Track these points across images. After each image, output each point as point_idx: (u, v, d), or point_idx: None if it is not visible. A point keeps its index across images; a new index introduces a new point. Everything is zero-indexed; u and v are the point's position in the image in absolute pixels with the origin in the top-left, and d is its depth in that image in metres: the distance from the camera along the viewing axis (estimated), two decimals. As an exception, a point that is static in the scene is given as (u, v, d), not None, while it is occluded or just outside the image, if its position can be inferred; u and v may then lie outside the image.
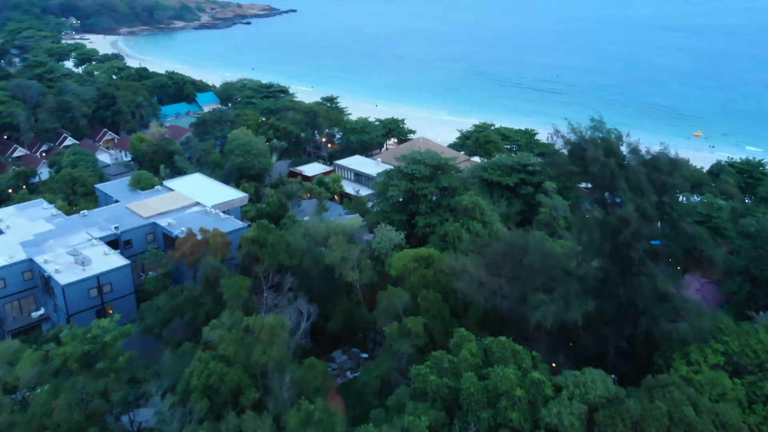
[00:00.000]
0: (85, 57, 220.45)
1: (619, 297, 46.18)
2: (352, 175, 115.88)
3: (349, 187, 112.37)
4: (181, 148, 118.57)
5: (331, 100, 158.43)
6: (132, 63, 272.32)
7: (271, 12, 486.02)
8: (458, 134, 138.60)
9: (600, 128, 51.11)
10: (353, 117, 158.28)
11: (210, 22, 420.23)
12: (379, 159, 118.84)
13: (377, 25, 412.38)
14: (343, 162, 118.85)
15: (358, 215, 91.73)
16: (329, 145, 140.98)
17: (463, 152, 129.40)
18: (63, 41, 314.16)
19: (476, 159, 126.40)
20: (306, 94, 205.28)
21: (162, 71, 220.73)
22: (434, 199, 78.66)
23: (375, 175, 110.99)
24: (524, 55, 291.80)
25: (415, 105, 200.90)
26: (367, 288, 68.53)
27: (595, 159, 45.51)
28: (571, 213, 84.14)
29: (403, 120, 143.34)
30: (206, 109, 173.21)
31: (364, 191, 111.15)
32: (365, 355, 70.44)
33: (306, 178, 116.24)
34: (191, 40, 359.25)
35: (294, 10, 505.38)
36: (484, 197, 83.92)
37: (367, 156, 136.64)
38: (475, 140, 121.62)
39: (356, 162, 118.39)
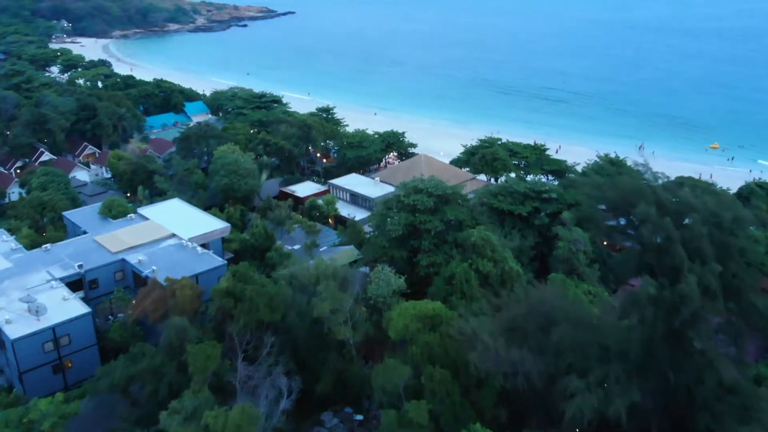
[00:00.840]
0: (71, 63, 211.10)
1: (668, 383, 37.22)
2: (348, 196, 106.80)
3: (345, 209, 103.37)
4: (162, 166, 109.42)
5: (327, 110, 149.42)
6: (123, 68, 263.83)
7: (269, 14, 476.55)
8: (462, 147, 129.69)
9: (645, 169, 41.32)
10: (351, 128, 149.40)
11: (205, 24, 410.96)
12: (378, 178, 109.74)
13: (377, 27, 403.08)
14: (338, 181, 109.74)
15: (353, 247, 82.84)
16: (324, 160, 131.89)
17: (467, 169, 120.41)
18: (53, 45, 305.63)
19: (482, 177, 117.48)
20: (302, 103, 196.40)
21: (152, 77, 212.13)
22: (438, 230, 69.56)
23: (373, 197, 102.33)
24: (528, 59, 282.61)
25: (415, 114, 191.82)
26: (362, 341, 59.51)
27: (646, 217, 36.31)
28: (591, 246, 75.09)
29: (403, 133, 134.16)
30: (195, 119, 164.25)
31: (361, 214, 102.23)
32: (360, 417, 61.31)
33: (298, 200, 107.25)
34: (185, 44, 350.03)
35: (292, 12, 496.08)
36: (493, 228, 74.83)
37: (364, 172, 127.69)
38: (480, 157, 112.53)
39: (352, 181, 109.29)
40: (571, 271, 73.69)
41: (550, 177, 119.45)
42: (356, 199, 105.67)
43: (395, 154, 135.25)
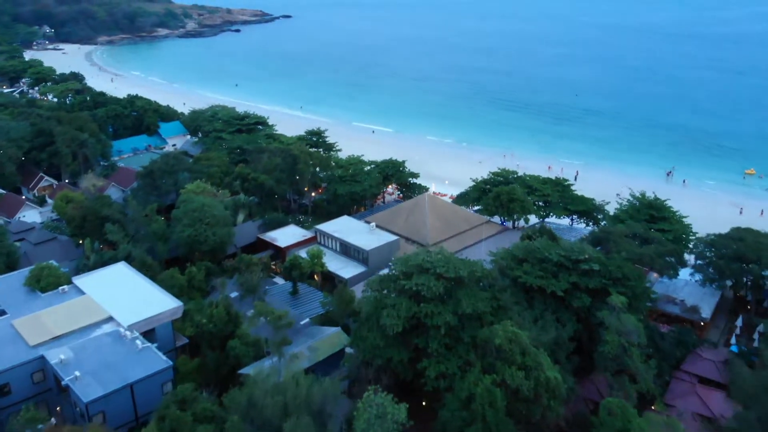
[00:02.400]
0: (41, 77, 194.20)
1: None
2: (338, 245, 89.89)
3: (334, 261, 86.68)
4: (120, 208, 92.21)
5: (318, 134, 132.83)
6: (103, 78, 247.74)
7: (263, 18, 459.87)
8: (470, 174, 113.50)
9: None
10: (346, 149, 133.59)
11: (196, 29, 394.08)
12: (374, 224, 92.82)
13: (376, 32, 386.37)
14: (326, 227, 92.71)
15: (340, 330, 65.98)
16: (313, 193, 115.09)
17: (477, 208, 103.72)
18: (34, 53, 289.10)
19: (496, 219, 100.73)
20: (292, 121, 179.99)
21: (133, 89, 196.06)
22: (450, 326, 52.76)
23: (367, 249, 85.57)
24: (536, 69, 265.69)
25: (416, 132, 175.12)
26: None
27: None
28: (647, 340, 58.33)
29: (403, 162, 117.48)
30: (171, 141, 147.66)
31: (352, 268, 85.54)
32: None
33: (278, 251, 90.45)
34: (173, 51, 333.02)
35: (288, 16, 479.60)
36: (521, 314, 58.01)
37: (359, 210, 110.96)
38: (495, 197, 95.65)
39: (343, 227, 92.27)
40: (621, 370, 57.05)
41: (575, 217, 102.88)
42: (347, 249, 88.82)
43: (395, 186, 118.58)
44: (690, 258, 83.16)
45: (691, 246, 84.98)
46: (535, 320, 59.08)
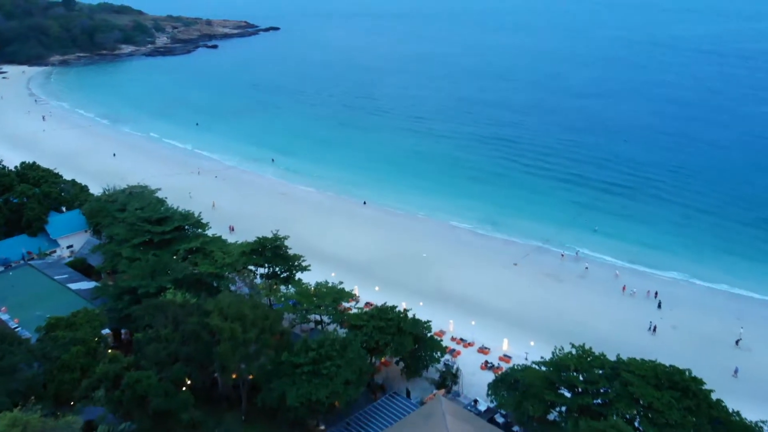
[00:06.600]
0: None
1: None
2: None
3: None
4: None
5: (275, 241, 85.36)
6: (34, 115, 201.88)
7: (247, 31, 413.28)
8: (526, 352, 67.50)
9: None
10: (324, 232, 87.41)
11: (167, 45, 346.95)
12: None
13: (372, 49, 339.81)
14: None
15: None
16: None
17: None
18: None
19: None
20: (257, 182, 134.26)
21: (63, 134, 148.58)
22: None
23: None
24: (564, 98, 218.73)
25: (419, 205, 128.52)
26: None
27: None
28: None
29: (405, 315, 70.65)
30: (62, 243, 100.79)
31: None
32: None
33: None
34: (133, 74, 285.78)
35: (276, 28, 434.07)
36: None
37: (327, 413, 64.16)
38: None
39: None
40: None
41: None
42: None
43: (389, 357, 71.58)
44: None
45: None
46: None
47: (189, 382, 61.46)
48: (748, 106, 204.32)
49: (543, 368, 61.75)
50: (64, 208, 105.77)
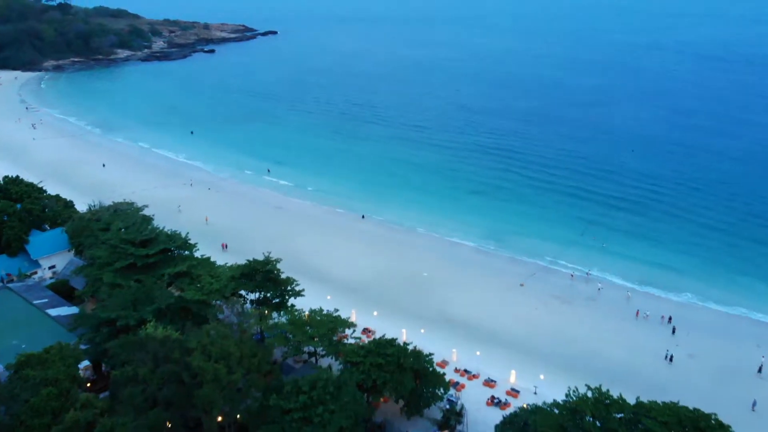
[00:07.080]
0: None
1: None
2: None
3: None
4: None
5: (267, 264, 79.98)
6: (24, 124, 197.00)
7: (244, 35, 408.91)
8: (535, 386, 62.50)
9: None
10: (320, 248, 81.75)
11: (163, 50, 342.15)
12: None
13: (371, 54, 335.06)
14: None
15: None
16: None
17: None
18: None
19: None
20: (251, 194, 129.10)
21: (53, 144, 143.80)
22: None
23: None
24: (568, 108, 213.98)
25: (421, 222, 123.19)
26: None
27: None
28: None
29: (405, 348, 65.49)
30: (44, 263, 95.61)
31: None
32: None
33: None
34: (127, 79, 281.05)
35: (273, 32, 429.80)
36: None
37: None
38: None
39: None
40: None
41: None
42: None
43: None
44: None
45: None
46: None
47: (170, 425, 56.38)
48: (757, 115, 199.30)
49: (556, 411, 56.75)
50: (47, 226, 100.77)
